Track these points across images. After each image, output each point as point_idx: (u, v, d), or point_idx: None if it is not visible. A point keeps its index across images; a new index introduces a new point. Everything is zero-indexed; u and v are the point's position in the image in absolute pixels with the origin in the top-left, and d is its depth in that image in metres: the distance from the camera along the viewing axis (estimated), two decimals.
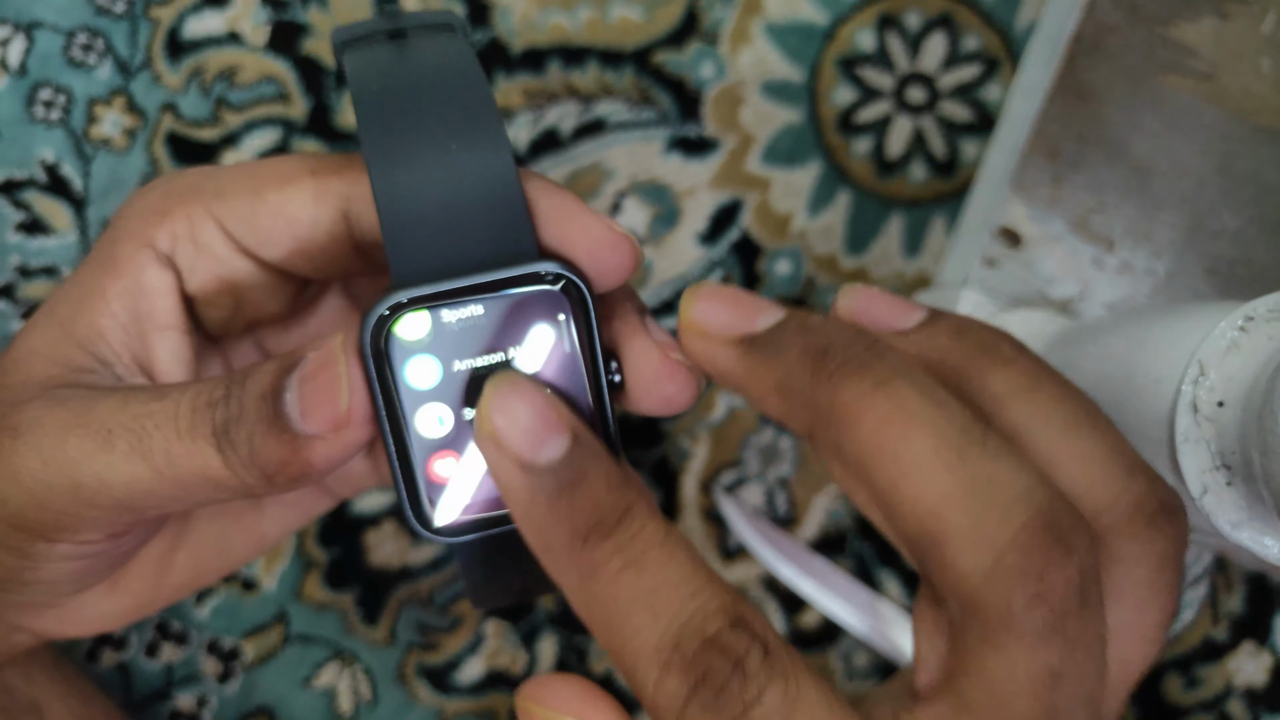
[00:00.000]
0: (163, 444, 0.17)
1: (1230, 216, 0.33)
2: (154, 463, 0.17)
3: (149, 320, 0.19)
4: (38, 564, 0.19)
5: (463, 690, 0.40)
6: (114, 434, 0.17)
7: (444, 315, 0.16)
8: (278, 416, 0.16)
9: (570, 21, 0.40)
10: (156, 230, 0.19)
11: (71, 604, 0.21)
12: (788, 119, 0.40)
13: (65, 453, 0.17)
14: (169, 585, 0.22)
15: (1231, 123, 0.33)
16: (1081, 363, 0.26)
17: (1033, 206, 0.34)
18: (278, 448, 0.17)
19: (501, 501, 0.17)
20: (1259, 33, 0.33)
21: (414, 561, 0.40)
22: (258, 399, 0.17)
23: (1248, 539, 0.21)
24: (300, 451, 0.17)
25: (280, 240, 0.19)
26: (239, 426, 0.17)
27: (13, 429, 0.18)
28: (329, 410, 0.16)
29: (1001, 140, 0.37)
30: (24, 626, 0.22)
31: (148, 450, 0.17)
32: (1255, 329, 0.21)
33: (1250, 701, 0.40)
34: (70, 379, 0.19)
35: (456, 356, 0.16)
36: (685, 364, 0.18)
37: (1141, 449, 0.23)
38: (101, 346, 0.19)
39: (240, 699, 0.39)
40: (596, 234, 0.17)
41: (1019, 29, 0.40)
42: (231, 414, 0.17)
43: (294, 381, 0.16)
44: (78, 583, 0.20)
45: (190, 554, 0.22)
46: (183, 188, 0.19)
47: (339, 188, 0.18)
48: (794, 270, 0.40)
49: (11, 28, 0.39)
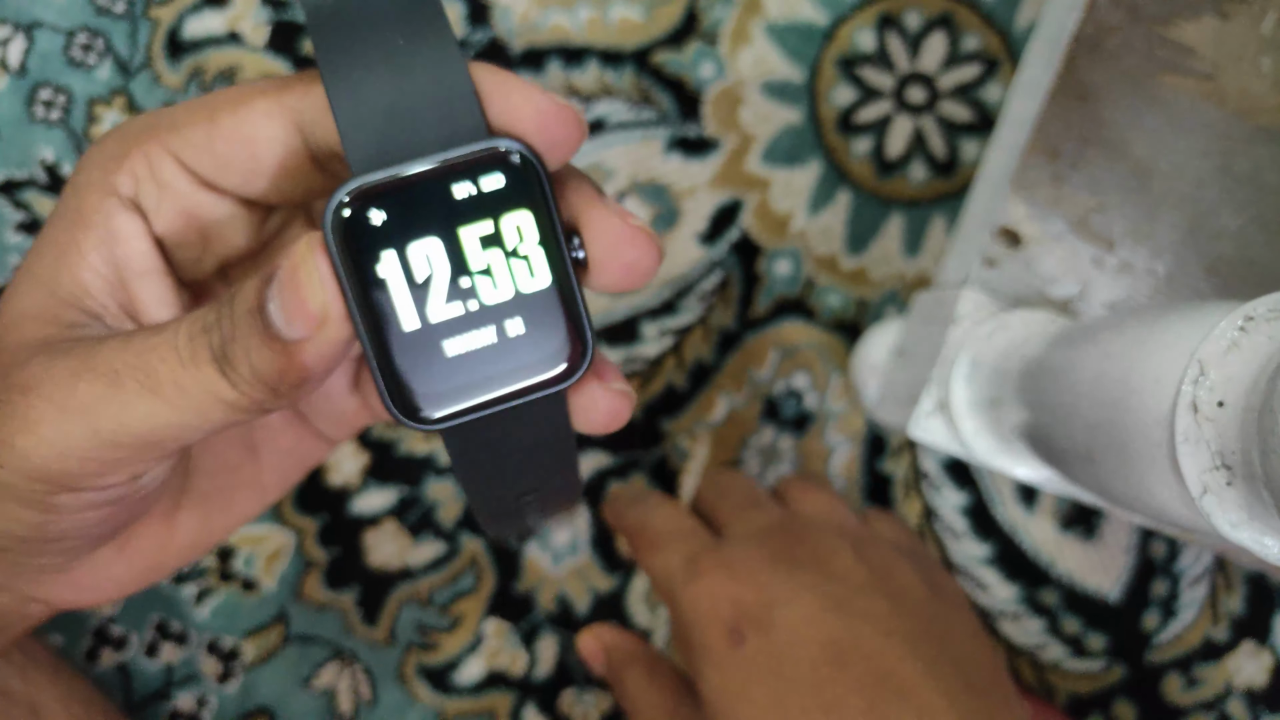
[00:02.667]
0: (170, 375, 0.17)
1: (1230, 216, 0.33)
2: (165, 395, 0.17)
3: (127, 267, 0.19)
4: (61, 516, 0.19)
5: (462, 690, 0.40)
6: (121, 374, 0.17)
7: (404, 199, 0.16)
8: (267, 327, 0.17)
9: (570, 21, 0.40)
10: (117, 175, 0.19)
11: (84, 569, 0.21)
12: (788, 119, 0.40)
13: (78, 400, 0.17)
14: (176, 546, 0.22)
15: (1231, 123, 0.33)
16: (1081, 363, 0.26)
17: (1033, 206, 0.34)
18: (272, 358, 0.17)
19: (484, 385, 0.17)
20: (1259, 33, 0.33)
21: (414, 561, 0.40)
22: (246, 314, 0.17)
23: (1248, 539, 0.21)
24: (294, 357, 0.17)
25: (239, 164, 0.19)
26: (234, 345, 0.17)
27: (21, 387, 0.18)
28: (305, 310, 0.16)
29: (1001, 140, 0.37)
30: (38, 597, 0.22)
31: (157, 384, 0.17)
32: (1255, 329, 0.21)
33: (1250, 701, 0.40)
34: (65, 335, 0.19)
35: (420, 240, 0.16)
36: (645, 229, 0.18)
37: (1141, 449, 0.23)
38: (88, 300, 0.19)
39: (240, 699, 0.39)
40: (543, 107, 0.17)
41: (1019, 29, 0.40)
42: (226, 334, 0.17)
43: (274, 290, 0.17)
44: (96, 535, 0.20)
45: (194, 512, 0.23)
46: (137, 128, 0.19)
47: (291, 101, 0.18)
48: (794, 270, 0.40)
49: (11, 28, 0.39)
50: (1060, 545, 0.40)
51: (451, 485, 0.40)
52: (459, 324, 0.17)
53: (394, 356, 0.17)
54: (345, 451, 0.39)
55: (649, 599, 0.40)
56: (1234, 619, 0.40)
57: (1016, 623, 0.40)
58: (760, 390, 0.40)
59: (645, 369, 0.40)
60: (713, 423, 0.40)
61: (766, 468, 0.40)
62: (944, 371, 0.33)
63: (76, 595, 0.22)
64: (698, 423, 0.40)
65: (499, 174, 0.17)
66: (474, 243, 0.17)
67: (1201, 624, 0.40)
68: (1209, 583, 0.40)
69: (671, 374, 0.40)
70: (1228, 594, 0.40)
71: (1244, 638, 0.40)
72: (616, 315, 0.40)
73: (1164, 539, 0.40)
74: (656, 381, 0.40)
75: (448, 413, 0.17)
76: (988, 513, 0.40)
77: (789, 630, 0.28)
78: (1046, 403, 0.28)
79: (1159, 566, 0.40)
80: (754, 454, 0.40)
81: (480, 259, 0.17)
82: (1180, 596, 0.40)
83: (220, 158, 0.19)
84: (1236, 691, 0.40)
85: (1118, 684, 0.40)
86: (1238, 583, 0.40)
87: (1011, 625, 0.40)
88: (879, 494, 0.40)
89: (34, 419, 0.18)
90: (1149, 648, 0.40)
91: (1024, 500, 0.40)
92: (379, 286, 0.16)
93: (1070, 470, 0.28)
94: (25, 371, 0.18)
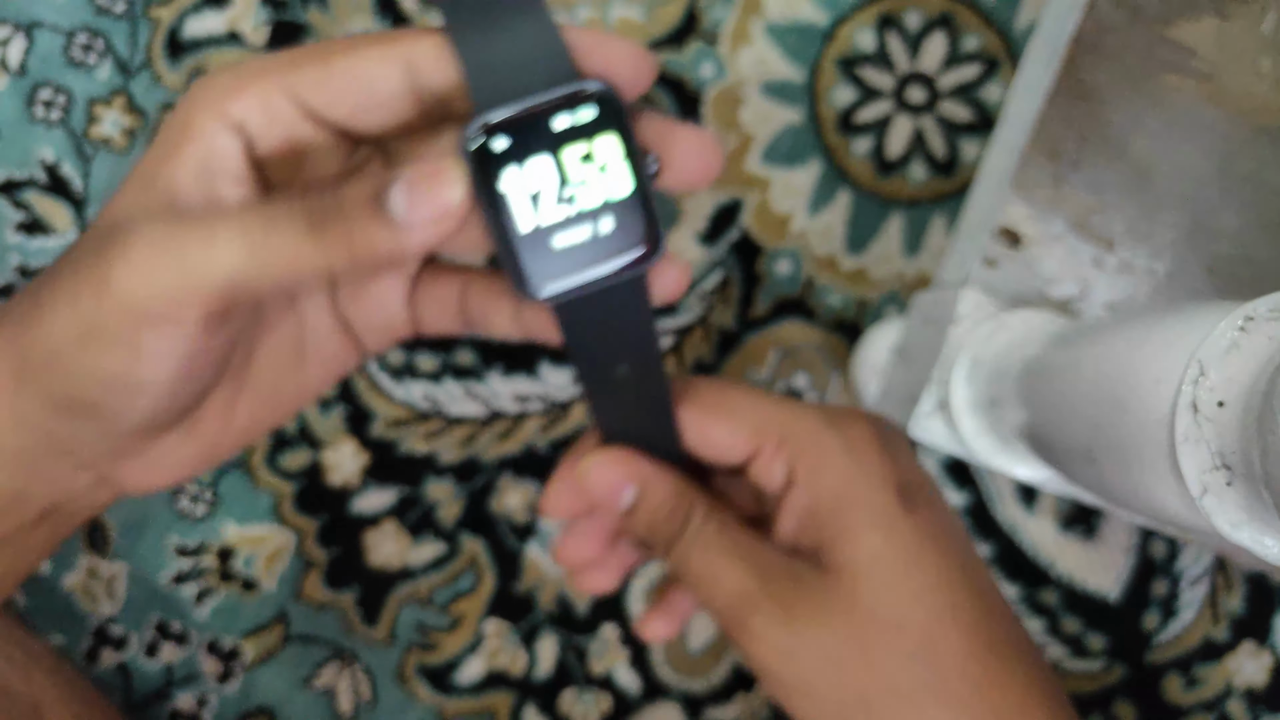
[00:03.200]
0: (261, 230, 0.20)
1: (1230, 216, 0.33)
2: (253, 245, 0.20)
3: (220, 176, 0.22)
4: (144, 362, 0.21)
5: (462, 690, 0.40)
6: (215, 226, 0.20)
7: (520, 128, 0.21)
8: (379, 209, 0.21)
9: (570, 21, 0.40)
10: (230, 103, 0.21)
11: (156, 450, 0.24)
12: (788, 119, 0.40)
13: (172, 242, 0.20)
14: (233, 430, 0.25)
15: (1231, 123, 0.33)
16: (1081, 363, 0.26)
17: (1033, 206, 0.34)
18: (376, 229, 0.21)
19: (584, 269, 0.23)
20: (1259, 33, 0.33)
21: (414, 561, 0.40)
22: (362, 200, 0.21)
23: (1248, 539, 0.21)
24: (402, 237, 0.21)
25: (349, 100, 0.22)
26: (334, 218, 0.21)
27: (122, 231, 0.21)
28: (437, 201, 0.21)
29: (1001, 140, 0.37)
30: (114, 478, 0.24)
31: (247, 237, 0.20)
32: (1255, 329, 0.21)
33: (1250, 701, 0.40)
34: None
35: (533, 159, 0.22)
36: (713, 136, 0.23)
37: (1141, 449, 0.23)
38: (180, 199, 0.22)
39: (240, 699, 0.39)
40: (624, 53, 0.22)
41: (1019, 29, 0.40)
42: (328, 208, 0.21)
43: (402, 186, 0.21)
44: (169, 402, 0.23)
45: (249, 404, 0.25)
46: (255, 68, 0.22)
47: (401, 50, 0.21)
48: (794, 270, 0.40)
49: (11, 28, 0.39)
50: (1060, 545, 0.40)
51: (452, 485, 0.40)
52: (564, 224, 0.22)
53: (516, 250, 0.22)
54: (345, 451, 0.39)
55: (649, 599, 0.40)
56: (1234, 619, 0.40)
57: None
58: None
59: None
60: None
61: None
62: (944, 371, 0.33)
63: (147, 476, 0.24)
64: None
65: (592, 106, 0.22)
66: (574, 161, 0.22)
67: (1201, 624, 0.40)
68: (1209, 583, 0.40)
69: (672, 374, 0.40)
70: (1228, 594, 0.40)
71: (1244, 638, 0.40)
72: None
73: (1164, 539, 0.40)
74: None
75: (558, 291, 0.23)
76: (988, 513, 0.40)
77: (948, 512, 0.26)
78: (1046, 403, 0.28)
79: (1159, 566, 0.40)
80: None
81: (579, 173, 0.22)
82: (1180, 596, 0.40)
83: (333, 94, 0.22)
84: (1236, 691, 0.40)
85: (1118, 684, 0.40)
86: (1238, 583, 0.40)
87: None
88: None
89: (130, 255, 0.20)
90: (1149, 648, 0.40)
91: (1024, 500, 0.40)
92: (502, 197, 0.21)
93: (1070, 470, 0.28)
94: (125, 224, 0.21)
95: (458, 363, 0.40)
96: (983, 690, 0.24)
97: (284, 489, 0.39)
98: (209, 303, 0.21)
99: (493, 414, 0.40)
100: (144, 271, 0.20)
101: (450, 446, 0.40)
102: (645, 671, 0.40)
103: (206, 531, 0.39)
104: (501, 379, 0.40)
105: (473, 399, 0.40)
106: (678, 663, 0.40)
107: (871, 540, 0.24)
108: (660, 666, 0.40)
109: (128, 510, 0.39)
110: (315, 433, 0.39)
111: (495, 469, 0.40)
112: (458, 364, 0.40)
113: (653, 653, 0.40)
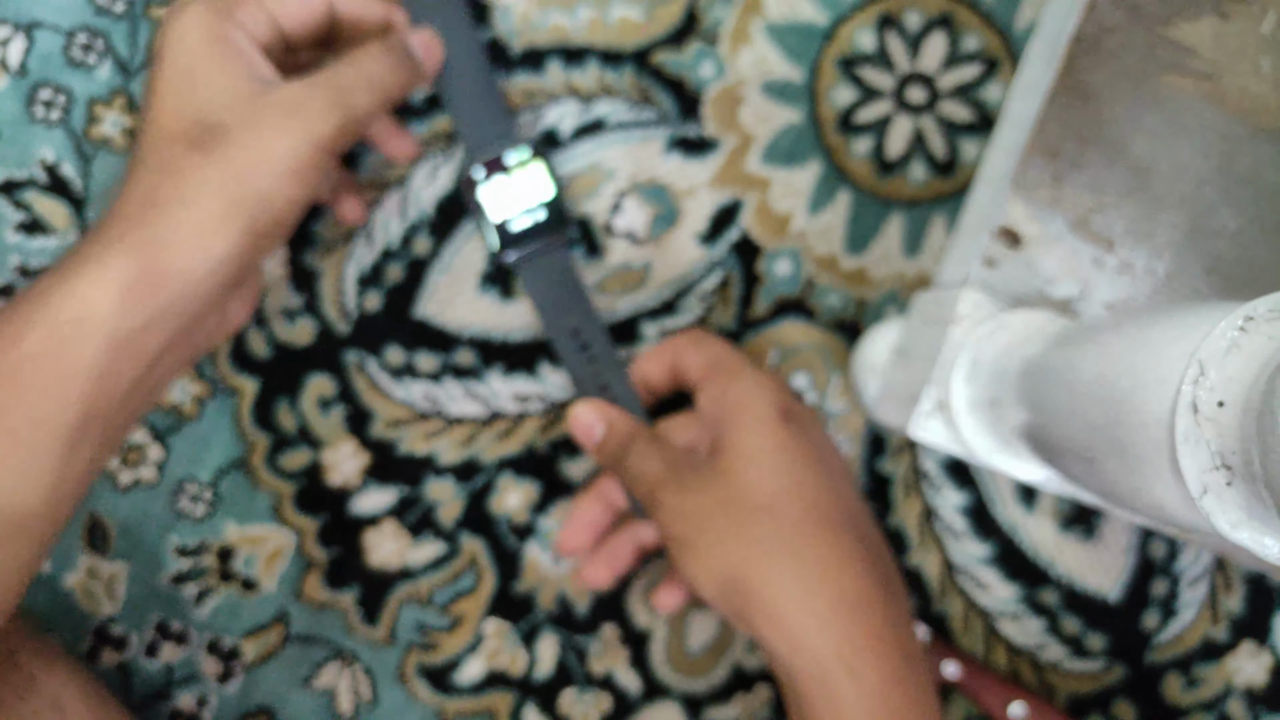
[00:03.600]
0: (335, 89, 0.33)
1: (1230, 216, 0.33)
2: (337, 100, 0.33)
3: (258, 67, 0.32)
4: (309, 189, 0.32)
5: (462, 690, 0.40)
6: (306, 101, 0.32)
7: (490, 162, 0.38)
8: (408, 55, 0.35)
9: (570, 21, 0.40)
10: (233, 17, 0.32)
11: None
12: (788, 119, 0.40)
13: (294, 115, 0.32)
14: (222, 332, 0.37)
15: (1231, 123, 0.33)
16: (1081, 363, 0.26)
17: (1033, 206, 0.34)
18: (408, 70, 0.35)
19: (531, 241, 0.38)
20: (1259, 33, 0.33)
21: (414, 561, 0.40)
22: (387, 47, 0.35)
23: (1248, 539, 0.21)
24: (419, 70, 0.36)
25: (296, 16, 0.34)
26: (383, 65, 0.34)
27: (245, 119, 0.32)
28: (438, 49, 0.37)
29: (1001, 140, 0.37)
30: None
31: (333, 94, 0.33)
32: (1255, 329, 0.21)
33: (1250, 701, 0.40)
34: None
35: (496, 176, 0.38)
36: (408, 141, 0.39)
37: (1141, 449, 0.23)
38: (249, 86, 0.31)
39: (240, 699, 0.39)
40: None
41: (1019, 29, 0.40)
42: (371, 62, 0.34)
43: (415, 39, 0.36)
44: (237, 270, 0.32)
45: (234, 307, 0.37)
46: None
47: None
48: (794, 270, 0.40)
49: (11, 28, 0.39)
50: (1060, 545, 0.40)
51: (452, 485, 0.40)
52: (517, 216, 0.38)
53: (490, 232, 0.38)
54: (345, 451, 0.39)
55: (648, 599, 0.40)
56: (1234, 619, 0.40)
57: (1016, 623, 0.40)
58: None
59: None
60: None
61: None
62: (944, 371, 0.33)
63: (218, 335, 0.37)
64: None
65: (526, 149, 0.38)
66: (520, 179, 0.38)
67: (1201, 624, 0.40)
68: (1209, 583, 0.40)
69: None
70: (1227, 594, 0.40)
71: (1244, 638, 0.40)
72: (617, 315, 0.40)
73: (1164, 539, 0.40)
74: None
75: (518, 256, 0.38)
76: (988, 513, 0.40)
77: (822, 434, 0.36)
78: (1046, 403, 0.28)
79: (1159, 566, 0.40)
80: None
81: (522, 185, 0.38)
82: (1180, 596, 0.40)
83: (288, 11, 0.33)
84: (1236, 691, 0.40)
85: (1118, 684, 0.40)
86: (1237, 583, 0.40)
87: (1011, 625, 0.40)
88: (879, 494, 0.40)
89: (287, 122, 0.31)
90: (1149, 648, 0.40)
91: (1024, 500, 0.40)
92: (479, 202, 0.37)
93: (1070, 470, 0.28)
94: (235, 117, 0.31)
95: (458, 363, 0.40)
96: (813, 545, 0.32)
97: (284, 489, 0.39)
98: (336, 141, 0.32)
99: (493, 414, 0.40)
100: (298, 133, 0.31)
101: (450, 446, 0.40)
102: (645, 671, 0.40)
103: (206, 531, 0.39)
104: (501, 379, 0.40)
105: (473, 399, 0.40)
106: (678, 663, 0.40)
107: (751, 436, 0.33)
108: (660, 666, 0.40)
109: (128, 510, 0.39)
110: (315, 433, 0.39)
111: (495, 469, 0.40)
112: (458, 364, 0.40)
113: (653, 653, 0.40)
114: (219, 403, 0.39)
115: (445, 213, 0.40)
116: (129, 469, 0.39)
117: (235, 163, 0.30)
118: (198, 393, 0.39)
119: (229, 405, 0.39)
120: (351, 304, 0.40)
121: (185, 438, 0.39)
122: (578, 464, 0.40)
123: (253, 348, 0.39)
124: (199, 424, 0.39)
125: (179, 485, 0.39)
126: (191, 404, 0.39)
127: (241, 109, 0.30)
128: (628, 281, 0.40)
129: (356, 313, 0.40)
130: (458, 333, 0.40)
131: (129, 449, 0.39)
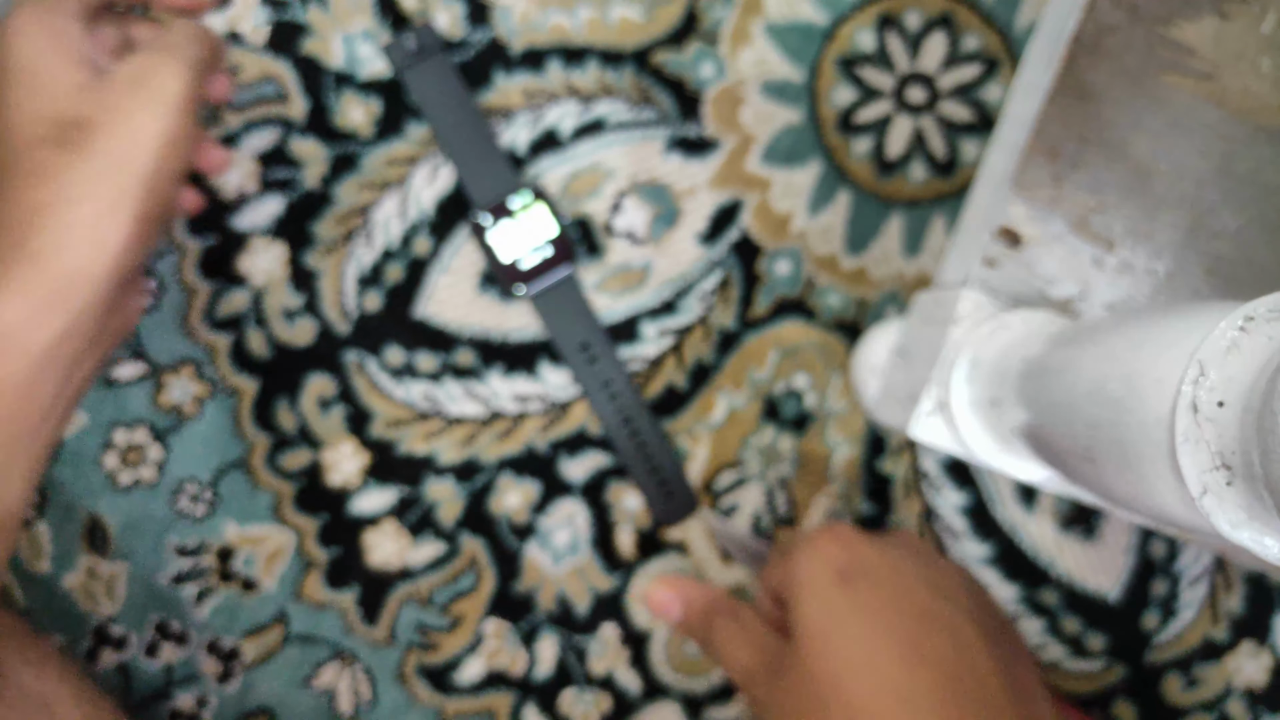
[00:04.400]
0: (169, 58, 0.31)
1: (1230, 216, 0.33)
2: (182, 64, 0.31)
3: (97, 51, 0.32)
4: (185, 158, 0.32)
5: (462, 690, 0.40)
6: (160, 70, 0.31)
7: (496, 209, 0.40)
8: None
9: (570, 21, 0.40)
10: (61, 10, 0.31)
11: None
12: (788, 119, 0.40)
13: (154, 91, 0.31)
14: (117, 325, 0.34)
15: (1231, 123, 0.33)
16: (1081, 363, 0.26)
17: (1033, 206, 0.34)
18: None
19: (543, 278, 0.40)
20: (1259, 33, 0.33)
21: (414, 561, 0.40)
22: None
23: (1248, 539, 0.21)
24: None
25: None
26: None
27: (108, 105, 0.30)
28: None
29: (1001, 140, 0.37)
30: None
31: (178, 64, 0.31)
32: (1255, 329, 0.21)
33: (1250, 701, 0.40)
34: None
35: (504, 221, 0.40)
36: None
37: (1141, 449, 0.23)
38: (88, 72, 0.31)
39: (240, 699, 0.39)
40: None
41: (1019, 29, 0.40)
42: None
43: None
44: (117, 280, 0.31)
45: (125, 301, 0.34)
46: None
47: None
48: (794, 270, 0.40)
49: None
50: (1060, 545, 0.40)
51: (452, 485, 0.40)
52: (525, 255, 0.40)
53: (502, 272, 0.39)
54: (345, 451, 0.39)
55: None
56: (1234, 619, 0.40)
57: (1016, 623, 0.40)
58: (760, 390, 0.40)
59: (645, 369, 0.40)
60: (713, 423, 0.40)
61: (767, 468, 0.40)
62: (944, 371, 0.33)
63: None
64: (698, 423, 0.40)
65: (528, 193, 0.40)
66: (525, 221, 0.40)
67: (1201, 624, 0.40)
68: (1209, 583, 0.40)
69: (671, 374, 0.40)
70: (1227, 594, 0.40)
71: (1244, 638, 0.40)
72: (616, 315, 0.40)
73: (1164, 539, 0.40)
74: (656, 381, 0.40)
75: (530, 291, 0.40)
76: (988, 513, 0.40)
77: (892, 586, 0.32)
78: (1046, 403, 0.28)
79: (1159, 566, 0.40)
80: (754, 454, 0.40)
81: (528, 226, 0.40)
82: (1180, 596, 0.40)
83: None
84: (1236, 691, 0.40)
85: (1118, 684, 0.40)
86: (1237, 583, 0.40)
87: None
88: (879, 494, 0.40)
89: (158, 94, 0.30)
90: (1149, 648, 0.40)
91: (1024, 500, 0.40)
92: (490, 246, 0.40)
93: (1070, 470, 0.28)
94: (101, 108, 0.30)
95: (458, 363, 0.40)
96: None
97: (284, 489, 0.39)
98: (192, 98, 0.31)
99: (493, 414, 0.40)
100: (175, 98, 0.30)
101: (450, 446, 0.40)
102: (645, 671, 0.40)
103: (206, 531, 0.39)
104: (501, 379, 0.40)
105: (473, 399, 0.40)
106: (678, 663, 0.40)
107: (810, 613, 0.31)
108: (660, 666, 0.40)
109: (128, 510, 0.39)
110: (315, 433, 0.39)
111: (495, 469, 0.40)
112: (458, 364, 0.40)
113: (653, 653, 0.40)
114: (219, 403, 0.39)
115: (445, 213, 0.40)
116: (129, 469, 0.39)
117: (112, 152, 0.29)
118: (198, 393, 0.39)
119: (229, 405, 0.39)
120: (351, 304, 0.40)
121: (185, 438, 0.39)
122: (578, 464, 0.40)
123: (253, 348, 0.39)
124: (199, 424, 0.39)
125: (179, 485, 0.39)
126: (191, 404, 0.39)
127: (94, 97, 0.30)
128: (628, 281, 0.40)
129: (356, 313, 0.40)
130: (457, 333, 0.40)
131: (129, 449, 0.39)
